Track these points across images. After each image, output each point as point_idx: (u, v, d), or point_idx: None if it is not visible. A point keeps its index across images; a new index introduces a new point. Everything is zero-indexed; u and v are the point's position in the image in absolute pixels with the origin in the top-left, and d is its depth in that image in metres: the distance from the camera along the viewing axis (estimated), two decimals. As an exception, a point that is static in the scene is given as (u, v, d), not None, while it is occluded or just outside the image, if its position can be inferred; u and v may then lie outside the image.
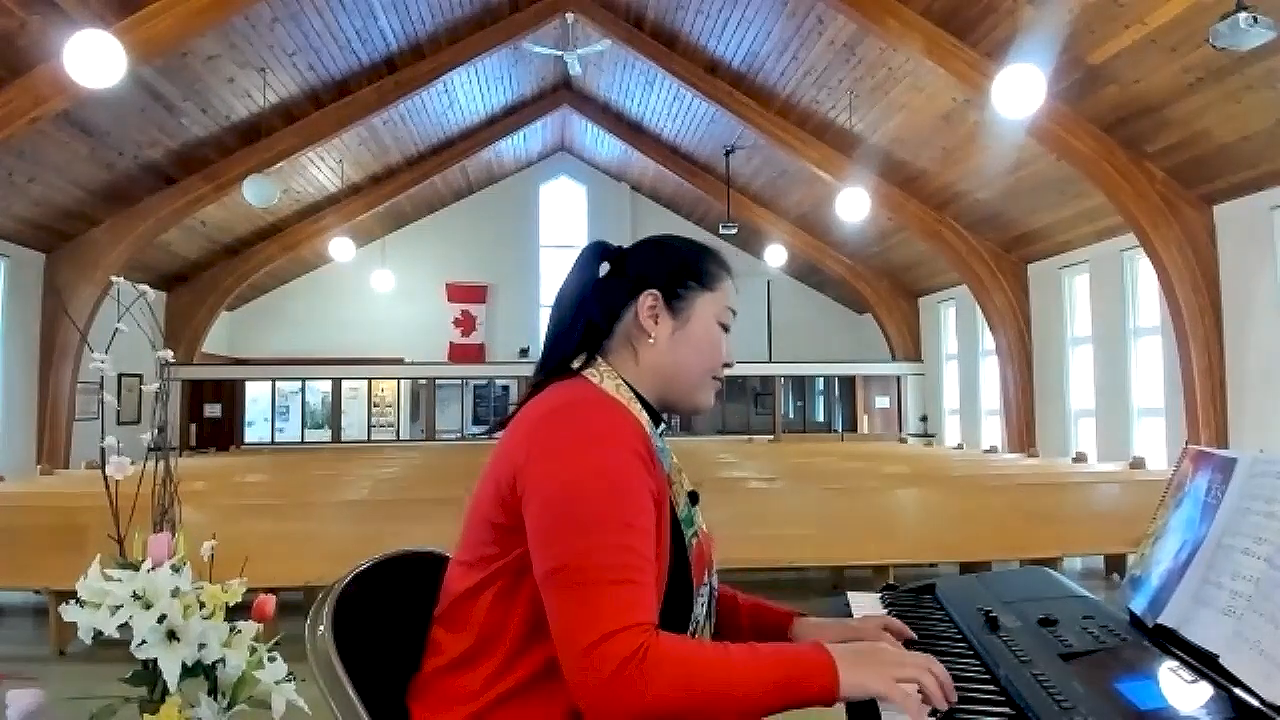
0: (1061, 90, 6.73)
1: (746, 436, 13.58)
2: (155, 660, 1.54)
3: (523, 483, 1.07)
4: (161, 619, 1.53)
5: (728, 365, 1.29)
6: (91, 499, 4.13)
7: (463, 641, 1.10)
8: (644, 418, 1.17)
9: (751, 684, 0.94)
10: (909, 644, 1.26)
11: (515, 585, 1.08)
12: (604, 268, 1.28)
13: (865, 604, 1.47)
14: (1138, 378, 8.67)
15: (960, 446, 11.03)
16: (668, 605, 1.05)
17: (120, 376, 9.34)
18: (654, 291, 1.24)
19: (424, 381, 13.65)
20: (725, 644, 1.00)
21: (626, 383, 1.20)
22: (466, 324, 14.71)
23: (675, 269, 1.26)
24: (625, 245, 1.33)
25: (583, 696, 0.94)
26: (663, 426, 1.27)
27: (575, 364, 1.22)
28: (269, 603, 1.76)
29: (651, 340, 1.23)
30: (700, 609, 1.17)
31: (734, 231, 11.78)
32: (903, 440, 13.18)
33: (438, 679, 1.12)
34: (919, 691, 0.96)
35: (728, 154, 11.44)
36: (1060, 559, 5.11)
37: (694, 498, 1.27)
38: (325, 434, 13.68)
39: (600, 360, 1.23)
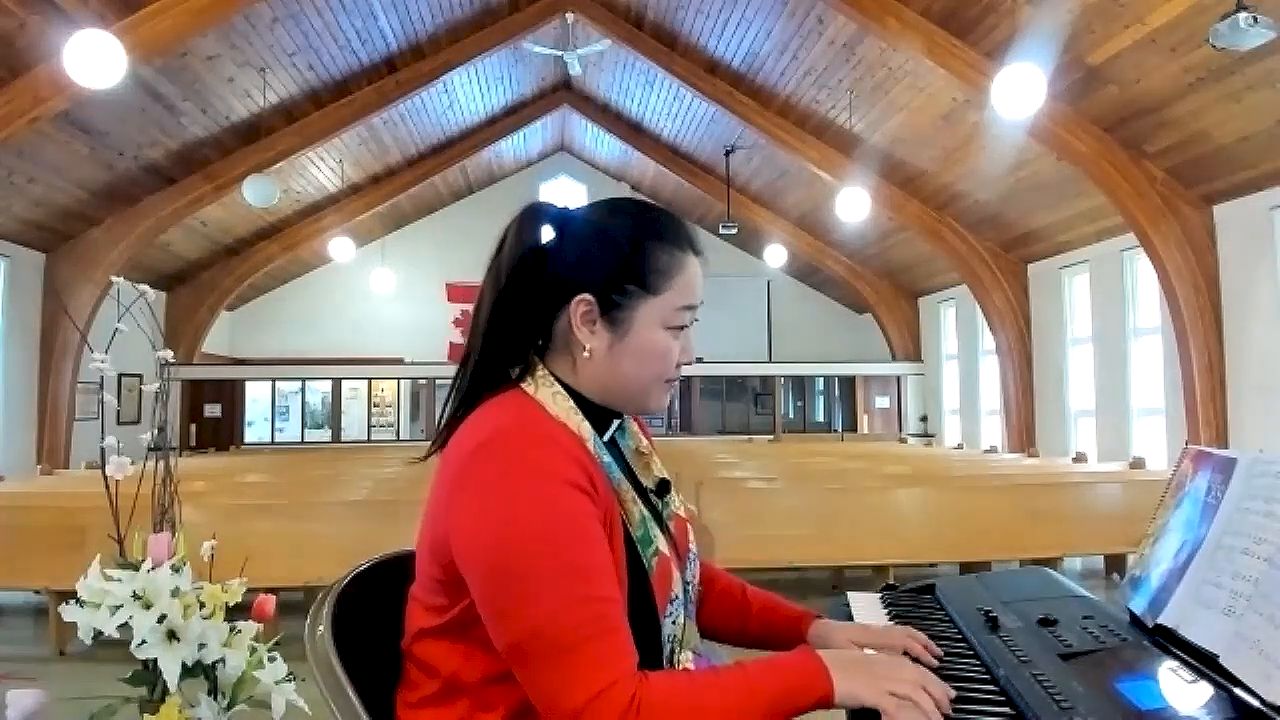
0: (1061, 90, 6.73)
1: (746, 436, 13.58)
2: (155, 660, 1.54)
3: (455, 546, 0.99)
4: (161, 619, 1.53)
5: (686, 364, 1.14)
6: (91, 499, 4.13)
7: (430, 684, 1.06)
8: (584, 430, 1.06)
9: (748, 707, 0.91)
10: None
11: (468, 634, 1.02)
12: (547, 232, 1.13)
13: (865, 604, 1.47)
14: (1137, 378, 8.67)
15: (960, 446, 11.04)
16: (634, 635, 0.98)
17: (120, 376, 9.33)
18: (587, 298, 1.08)
19: (424, 381, 13.66)
20: (715, 669, 0.97)
21: (566, 388, 1.10)
22: (466, 324, 14.68)
23: (614, 269, 1.09)
24: (570, 207, 1.16)
25: None
26: (615, 424, 1.17)
27: (514, 373, 1.12)
28: (269, 603, 1.76)
29: (587, 353, 1.09)
30: (672, 625, 1.10)
31: (734, 231, 11.79)
32: (903, 440, 13.19)
33: (411, 716, 1.09)
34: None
35: (728, 154, 11.44)
36: (1060, 559, 5.11)
37: (664, 487, 1.20)
38: (325, 434, 13.69)
39: (539, 365, 1.12)
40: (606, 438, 1.13)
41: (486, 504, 0.97)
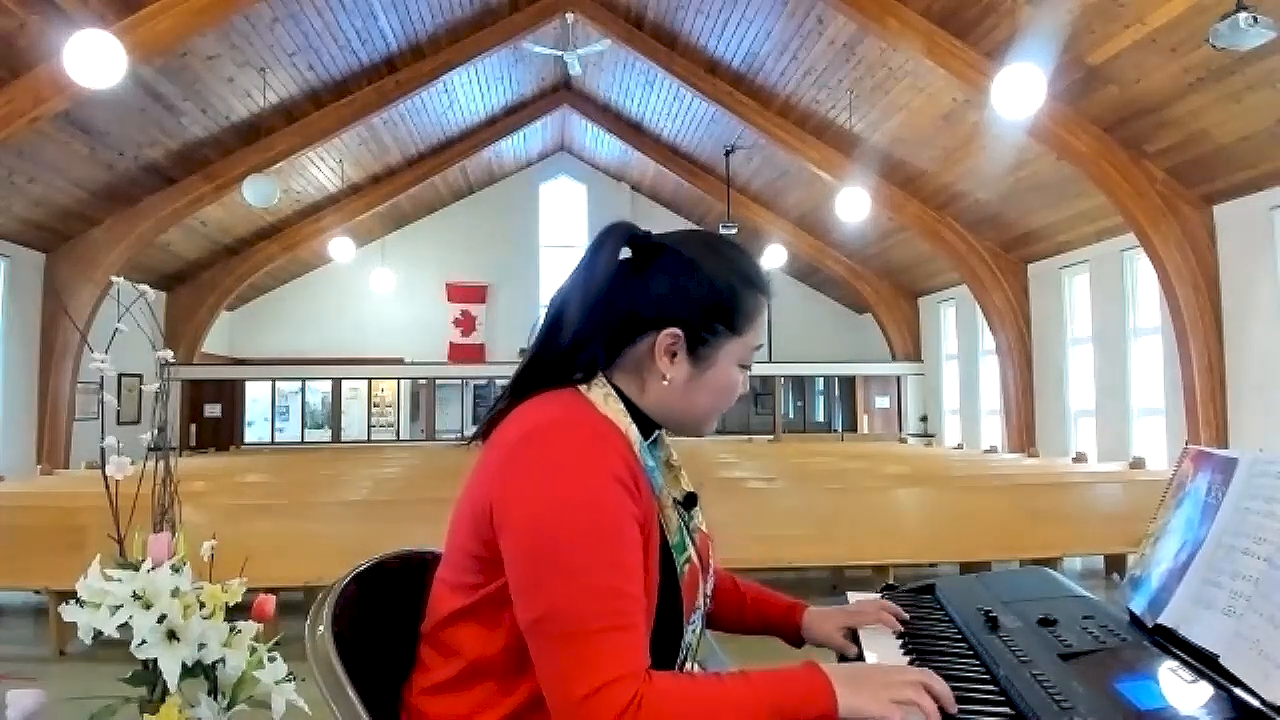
0: (1061, 90, 6.73)
1: (746, 436, 13.58)
2: (155, 660, 1.54)
3: (498, 518, 1.01)
4: (161, 619, 1.53)
5: (743, 394, 1.20)
6: (91, 499, 4.14)
7: (450, 668, 1.07)
8: (632, 433, 1.09)
9: (750, 716, 0.92)
10: (909, 637, 1.26)
11: (499, 615, 1.03)
12: (624, 253, 1.15)
13: (865, 604, 1.47)
14: (1138, 378, 8.67)
15: (960, 446, 11.03)
16: (656, 637, 1.01)
17: (120, 376, 9.34)
18: (676, 331, 1.11)
19: (424, 381, 13.65)
20: (719, 675, 0.98)
21: (618, 392, 1.12)
22: (466, 324, 14.71)
23: (706, 308, 1.12)
24: (653, 233, 1.18)
25: None
26: (657, 433, 1.20)
27: (575, 376, 1.13)
28: (269, 603, 1.75)
29: (666, 382, 1.12)
30: (692, 635, 1.12)
31: (734, 231, 11.76)
32: (903, 440, 13.18)
33: (425, 701, 1.09)
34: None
35: (728, 154, 11.44)
36: (1060, 559, 5.10)
37: (691, 500, 1.22)
38: (325, 434, 13.69)
39: (599, 375, 1.13)
40: (650, 440, 1.16)
41: (533, 483, 0.99)
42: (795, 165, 10.70)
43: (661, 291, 1.13)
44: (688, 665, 1.15)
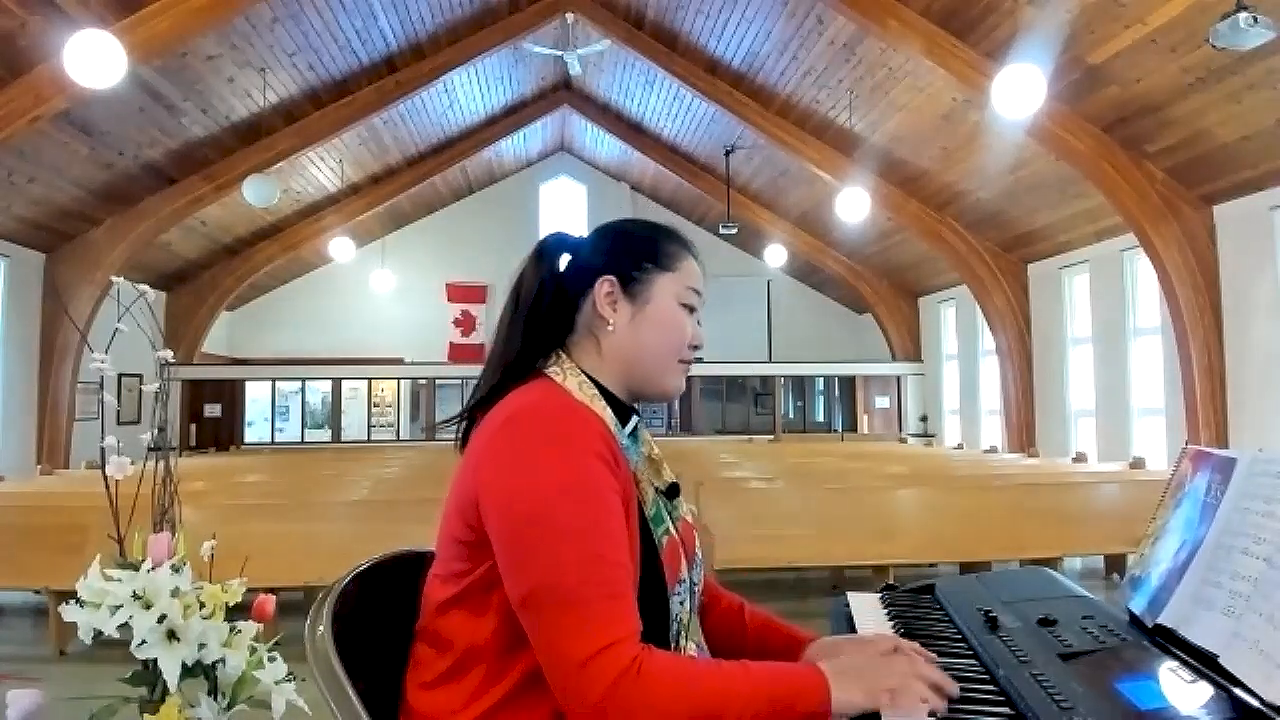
0: (1061, 90, 6.73)
1: (746, 436, 13.58)
2: (155, 660, 1.54)
3: (484, 502, 1.04)
4: (161, 619, 1.53)
5: (696, 348, 1.25)
6: (91, 499, 4.13)
7: (444, 661, 1.09)
8: (608, 415, 1.13)
9: (745, 700, 0.93)
10: (908, 637, 1.25)
11: (487, 599, 1.06)
12: (565, 259, 1.25)
13: (865, 604, 1.47)
14: (1138, 378, 8.67)
15: (960, 446, 11.04)
16: (642, 607, 1.03)
17: (120, 376, 9.33)
18: (610, 277, 1.20)
19: (424, 381, 13.66)
20: (718, 660, 1.00)
21: (590, 378, 1.17)
22: (466, 324, 14.71)
23: (630, 252, 1.22)
24: (584, 235, 1.29)
25: (577, 714, 0.93)
26: (635, 420, 1.24)
27: (539, 363, 1.19)
28: (269, 603, 1.75)
29: (611, 327, 1.19)
30: (679, 606, 1.14)
31: (734, 231, 11.79)
32: (903, 440, 13.19)
33: (420, 698, 1.10)
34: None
35: (728, 154, 11.44)
36: (1060, 559, 5.10)
37: (673, 490, 1.24)
38: (325, 434, 13.69)
39: (563, 356, 1.19)
40: (627, 430, 1.19)
41: (515, 464, 1.04)
42: (795, 165, 10.70)
43: (589, 258, 1.24)
44: (683, 642, 1.15)
